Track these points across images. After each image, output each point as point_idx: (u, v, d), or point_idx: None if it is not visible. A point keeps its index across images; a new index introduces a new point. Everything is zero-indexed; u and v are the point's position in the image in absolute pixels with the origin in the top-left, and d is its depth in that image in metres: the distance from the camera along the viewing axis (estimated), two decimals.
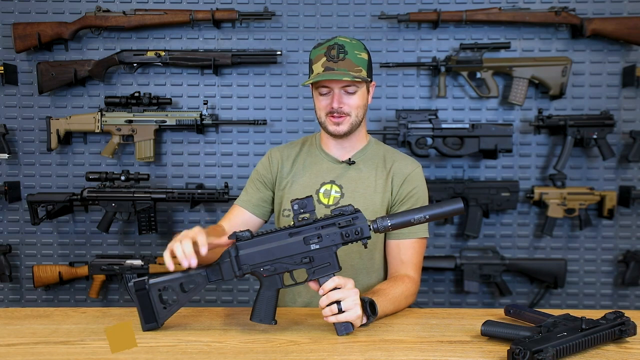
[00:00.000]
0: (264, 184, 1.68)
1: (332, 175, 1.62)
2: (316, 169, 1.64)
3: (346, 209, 1.27)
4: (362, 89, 1.55)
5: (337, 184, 1.61)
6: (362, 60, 1.53)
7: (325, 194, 1.60)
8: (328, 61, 1.49)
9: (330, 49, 1.50)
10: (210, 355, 1.13)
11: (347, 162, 1.62)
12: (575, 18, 2.48)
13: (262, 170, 1.69)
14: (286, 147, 1.72)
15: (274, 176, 1.67)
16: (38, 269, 2.52)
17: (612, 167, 2.61)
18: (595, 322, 1.17)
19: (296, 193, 1.61)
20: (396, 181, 1.60)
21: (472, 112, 2.60)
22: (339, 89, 1.51)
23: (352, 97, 1.53)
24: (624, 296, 2.66)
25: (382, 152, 1.66)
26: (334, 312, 1.23)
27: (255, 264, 1.27)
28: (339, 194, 1.59)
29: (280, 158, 1.68)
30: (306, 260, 1.27)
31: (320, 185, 1.61)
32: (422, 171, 1.64)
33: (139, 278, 1.28)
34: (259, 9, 2.52)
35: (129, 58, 2.51)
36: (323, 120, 1.56)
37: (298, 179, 1.64)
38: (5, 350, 1.16)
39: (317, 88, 1.54)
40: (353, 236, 1.25)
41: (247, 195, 1.69)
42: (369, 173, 1.62)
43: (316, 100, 1.57)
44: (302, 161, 1.66)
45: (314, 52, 1.56)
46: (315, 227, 1.27)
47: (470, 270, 2.53)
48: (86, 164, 2.61)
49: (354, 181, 1.61)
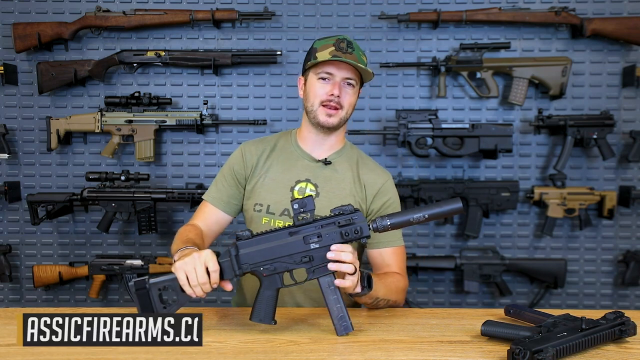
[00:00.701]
0: (236, 180, 1.65)
1: (307, 174, 1.61)
2: (290, 165, 1.63)
3: (346, 208, 1.27)
4: (357, 90, 1.58)
5: (313, 183, 1.60)
6: (364, 62, 1.56)
7: (300, 191, 1.59)
8: (337, 50, 1.51)
9: (340, 41, 1.53)
10: (210, 355, 1.13)
11: (324, 162, 1.62)
12: (575, 18, 2.48)
13: (235, 165, 1.66)
14: (260, 141, 1.70)
15: (248, 171, 1.64)
16: (38, 269, 2.52)
17: (612, 167, 2.61)
18: (595, 322, 1.17)
19: (269, 188, 1.60)
20: (369, 192, 1.63)
21: (472, 112, 2.60)
22: (341, 78, 1.53)
23: (349, 91, 1.55)
24: (624, 296, 2.66)
25: (356, 157, 1.68)
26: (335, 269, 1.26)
27: (255, 263, 1.27)
28: (314, 192, 1.59)
29: (254, 152, 1.65)
30: (306, 259, 1.27)
31: (295, 182, 1.60)
32: (393, 181, 1.68)
33: (139, 278, 1.28)
34: (259, 9, 2.52)
35: (129, 58, 2.51)
36: (315, 108, 1.55)
37: (271, 173, 1.62)
38: (5, 350, 1.16)
39: (318, 73, 1.54)
40: (352, 235, 1.26)
41: (218, 191, 1.66)
42: (344, 175, 1.62)
43: (312, 86, 1.56)
44: (277, 156, 1.65)
45: (319, 42, 1.57)
46: (315, 226, 1.27)
47: (470, 270, 2.53)
48: (86, 164, 2.61)
49: (329, 181, 1.61)
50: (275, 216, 1.57)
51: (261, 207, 1.59)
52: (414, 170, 2.62)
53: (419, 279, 2.65)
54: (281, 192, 1.59)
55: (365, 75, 1.57)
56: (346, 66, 1.52)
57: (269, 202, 1.59)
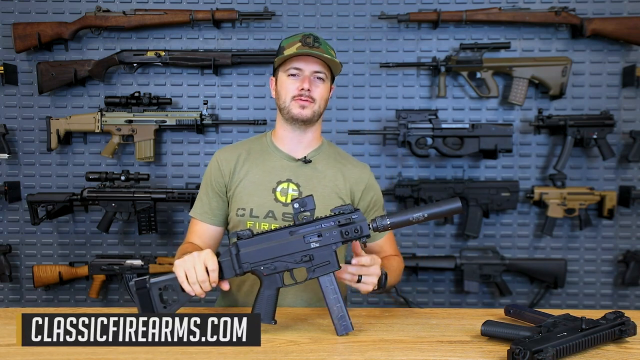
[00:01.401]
0: (216, 191, 1.62)
1: (287, 174, 1.60)
2: (269, 165, 1.61)
3: (345, 207, 1.27)
4: (327, 83, 1.58)
5: (294, 182, 1.59)
6: (333, 56, 1.56)
7: (282, 192, 1.58)
8: (303, 46, 1.51)
9: (306, 37, 1.53)
10: (210, 355, 1.13)
11: (303, 160, 1.61)
12: (575, 18, 2.48)
13: (212, 176, 1.63)
14: (233, 147, 1.69)
15: (226, 179, 1.62)
16: (38, 269, 2.52)
17: (612, 167, 2.62)
18: (595, 322, 1.17)
19: (249, 191, 1.58)
20: (357, 189, 1.63)
21: (472, 112, 2.60)
22: (310, 72, 1.53)
23: (320, 85, 1.54)
24: (624, 296, 2.66)
25: (334, 153, 1.68)
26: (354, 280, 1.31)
27: (255, 262, 1.27)
28: (297, 192, 1.57)
29: (230, 159, 1.63)
30: (306, 258, 1.27)
31: (276, 183, 1.58)
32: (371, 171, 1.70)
33: (140, 277, 1.28)
34: (259, 9, 2.52)
35: (129, 58, 2.51)
36: (287, 104, 1.54)
37: (250, 176, 1.60)
38: (5, 350, 1.16)
39: (287, 70, 1.54)
40: (352, 234, 1.26)
41: (203, 206, 1.64)
42: (325, 172, 1.62)
43: (282, 83, 1.56)
44: (254, 159, 1.63)
45: (285, 40, 1.58)
46: (315, 225, 1.27)
47: (470, 270, 2.53)
48: (86, 164, 2.61)
49: (311, 180, 1.60)
50: (260, 219, 1.55)
51: (244, 212, 1.57)
52: (414, 170, 2.62)
53: (419, 279, 2.64)
54: (263, 195, 1.57)
55: (335, 68, 1.56)
56: (314, 60, 1.52)
57: (252, 206, 1.56)
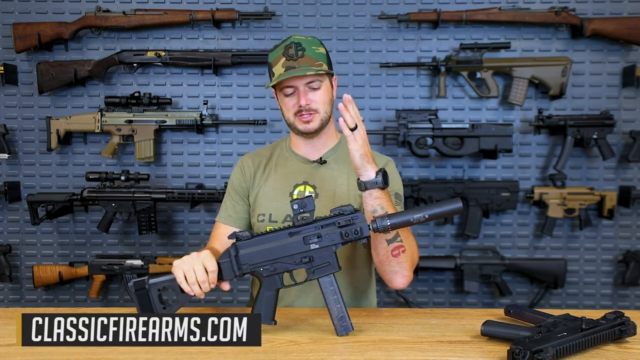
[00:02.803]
0: (240, 195, 1.64)
1: (303, 176, 1.59)
2: (286, 170, 1.62)
3: (345, 208, 1.26)
4: (326, 84, 1.55)
5: (311, 185, 1.59)
6: (321, 54, 1.53)
7: (299, 195, 1.57)
8: (288, 60, 1.49)
9: (288, 48, 1.50)
10: (210, 355, 1.13)
11: (318, 162, 1.60)
12: (575, 18, 2.48)
13: (236, 181, 1.65)
14: (256, 153, 1.70)
15: (248, 184, 1.64)
16: (38, 269, 2.52)
17: (612, 167, 2.62)
18: (595, 322, 1.17)
19: (268, 197, 1.59)
20: None
21: (472, 112, 2.60)
22: (303, 86, 1.50)
23: (317, 93, 1.52)
24: (624, 296, 2.66)
25: None
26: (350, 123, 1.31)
27: (255, 264, 1.27)
28: (314, 194, 1.57)
29: (251, 165, 1.65)
30: (306, 259, 1.26)
31: (293, 187, 1.58)
32: (394, 164, 1.66)
33: (139, 278, 1.28)
34: (259, 9, 2.52)
35: (129, 58, 2.51)
36: (292, 121, 1.54)
37: (270, 182, 1.61)
38: (5, 350, 1.16)
39: (282, 89, 1.52)
40: (352, 236, 1.25)
41: (227, 210, 1.65)
42: (340, 172, 1.60)
43: (282, 102, 1.55)
44: (273, 165, 1.64)
45: (271, 55, 1.55)
46: (315, 226, 1.27)
47: (470, 270, 2.53)
48: (86, 164, 2.61)
49: (327, 181, 1.59)
50: (278, 223, 1.56)
51: (264, 217, 1.58)
52: (414, 170, 2.62)
53: (419, 279, 2.65)
54: (281, 199, 1.57)
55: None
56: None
57: (271, 211, 1.57)
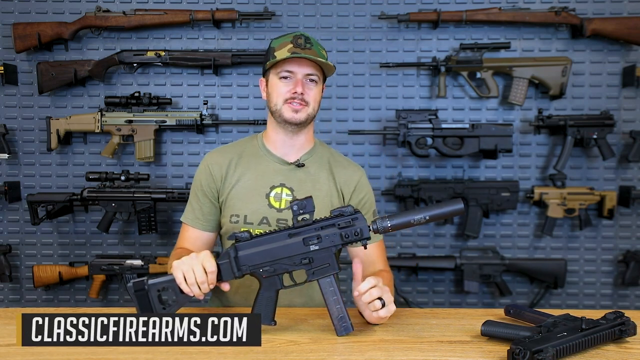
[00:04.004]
0: (208, 197, 1.59)
1: (280, 178, 1.57)
2: (262, 169, 1.58)
3: (346, 209, 1.26)
4: (320, 86, 1.55)
5: (288, 187, 1.56)
6: (324, 56, 1.53)
7: (276, 197, 1.55)
8: (295, 47, 1.48)
9: (297, 37, 1.49)
10: (210, 355, 1.13)
11: (296, 164, 1.58)
12: (575, 18, 2.48)
13: (204, 182, 1.59)
14: (224, 150, 1.65)
15: (218, 184, 1.58)
16: (38, 269, 2.52)
17: (612, 167, 2.62)
18: (595, 322, 1.17)
19: (243, 197, 1.55)
20: (346, 191, 1.61)
21: (472, 112, 2.60)
22: (303, 75, 1.50)
23: (313, 88, 1.52)
24: (624, 296, 2.66)
25: (328, 155, 1.65)
26: (378, 307, 1.23)
27: (254, 265, 1.27)
28: (291, 196, 1.55)
29: (220, 163, 1.59)
30: (305, 261, 1.26)
31: (269, 188, 1.55)
32: (366, 175, 1.66)
33: (138, 278, 1.28)
34: (259, 9, 2.52)
35: (129, 58, 2.51)
36: (279, 107, 1.51)
37: (243, 182, 1.57)
38: (5, 350, 1.16)
39: (278, 73, 1.51)
40: (352, 237, 1.25)
41: (194, 212, 1.60)
42: (318, 175, 1.59)
43: (274, 87, 1.52)
44: (246, 163, 1.59)
45: (275, 41, 1.54)
46: (315, 227, 1.26)
47: (470, 270, 2.53)
48: (86, 164, 2.61)
49: (304, 184, 1.57)
50: (254, 225, 1.53)
51: (238, 218, 1.54)
52: (414, 170, 2.62)
53: (419, 279, 2.65)
54: (257, 200, 1.55)
55: (327, 70, 1.54)
56: (307, 62, 1.49)
57: (246, 212, 1.54)
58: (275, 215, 1.54)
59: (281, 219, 1.53)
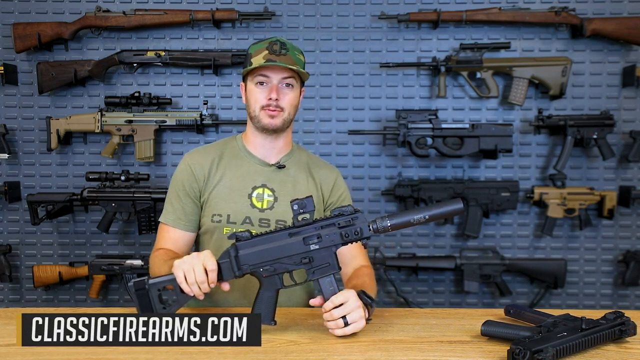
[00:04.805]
0: (190, 196, 1.58)
1: (262, 179, 1.59)
2: (243, 171, 1.60)
3: (346, 209, 1.26)
4: (297, 89, 1.57)
5: (269, 188, 1.58)
6: (300, 61, 1.55)
7: (258, 197, 1.57)
8: (270, 54, 1.50)
9: (273, 43, 1.52)
10: (210, 355, 1.13)
11: (277, 166, 1.61)
12: (575, 18, 2.48)
13: (186, 181, 1.58)
14: (204, 150, 1.66)
15: (200, 184, 1.58)
16: (38, 269, 2.52)
17: (612, 167, 2.62)
18: (595, 322, 1.17)
19: (224, 197, 1.56)
20: (325, 188, 1.65)
21: (472, 112, 2.60)
22: (278, 80, 1.52)
23: (288, 93, 1.54)
24: (624, 296, 2.66)
25: (306, 157, 1.69)
26: (340, 326, 1.23)
27: (254, 264, 1.27)
28: (272, 197, 1.57)
29: (202, 163, 1.59)
30: (306, 260, 1.26)
31: (251, 189, 1.57)
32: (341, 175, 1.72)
33: (139, 278, 1.28)
34: (259, 9, 2.52)
35: (129, 58, 2.51)
36: (257, 113, 1.54)
37: (225, 181, 1.58)
38: (5, 350, 1.16)
39: (254, 78, 1.53)
40: (353, 236, 1.25)
41: (175, 212, 1.58)
42: (298, 177, 1.62)
43: (251, 92, 1.55)
44: (227, 163, 1.60)
45: (252, 47, 1.56)
46: (315, 227, 1.26)
47: (470, 270, 2.53)
48: (86, 164, 2.61)
49: (285, 185, 1.60)
50: (237, 225, 1.54)
51: (220, 218, 1.55)
52: (414, 170, 2.62)
53: (419, 279, 2.65)
54: (239, 200, 1.56)
55: (302, 75, 1.55)
56: (281, 68, 1.51)
57: (229, 212, 1.55)
58: (257, 215, 1.55)
59: (263, 219, 1.56)
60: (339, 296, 1.24)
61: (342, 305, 1.23)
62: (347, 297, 1.25)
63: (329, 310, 1.24)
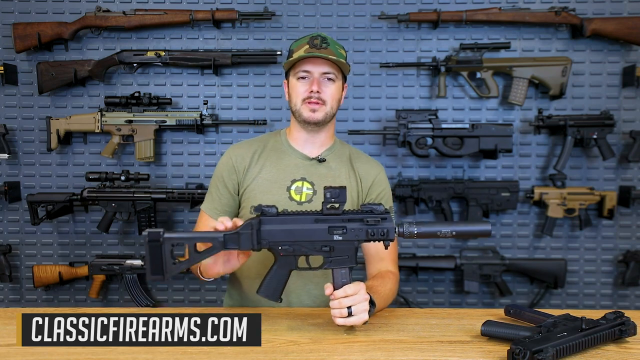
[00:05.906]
0: (228, 188, 1.62)
1: (302, 172, 1.60)
2: (284, 164, 1.61)
3: (377, 207, 1.26)
4: (339, 83, 1.58)
5: (309, 181, 1.59)
6: (342, 55, 1.56)
7: (296, 190, 1.58)
8: (311, 48, 1.52)
9: (314, 38, 1.54)
10: (210, 355, 1.13)
11: (317, 160, 1.61)
12: (575, 18, 2.48)
13: (225, 173, 1.62)
14: (248, 143, 1.68)
15: (240, 176, 1.61)
16: (38, 269, 2.53)
17: (612, 167, 2.61)
18: (595, 322, 1.17)
19: (264, 189, 1.58)
20: (364, 184, 1.64)
21: (472, 112, 2.60)
22: (319, 74, 1.53)
23: (330, 86, 1.55)
24: (624, 296, 2.66)
25: (348, 152, 1.69)
26: (343, 315, 1.24)
27: (274, 242, 1.26)
28: (311, 190, 1.58)
29: (244, 155, 1.62)
30: (326, 248, 1.26)
31: (290, 182, 1.59)
32: (385, 172, 1.69)
33: (155, 229, 1.23)
34: (259, 9, 2.52)
35: (129, 58, 2.51)
36: (298, 107, 1.55)
37: (264, 174, 1.60)
38: (5, 351, 1.16)
39: (296, 74, 1.55)
40: (378, 236, 1.25)
41: (213, 202, 1.63)
42: (339, 171, 1.62)
43: (293, 87, 1.57)
44: (268, 156, 1.63)
45: (294, 43, 1.59)
46: (342, 218, 1.26)
47: (470, 270, 2.53)
48: (86, 164, 2.61)
49: (325, 178, 1.60)
50: None
51: None
52: (414, 170, 2.62)
53: (419, 279, 2.65)
54: (278, 192, 1.58)
55: (343, 68, 1.56)
56: (322, 61, 1.52)
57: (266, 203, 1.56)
58: (295, 207, 1.56)
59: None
60: (351, 286, 1.26)
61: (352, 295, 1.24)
62: (358, 289, 1.26)
63: (338, 297, 1.25)
